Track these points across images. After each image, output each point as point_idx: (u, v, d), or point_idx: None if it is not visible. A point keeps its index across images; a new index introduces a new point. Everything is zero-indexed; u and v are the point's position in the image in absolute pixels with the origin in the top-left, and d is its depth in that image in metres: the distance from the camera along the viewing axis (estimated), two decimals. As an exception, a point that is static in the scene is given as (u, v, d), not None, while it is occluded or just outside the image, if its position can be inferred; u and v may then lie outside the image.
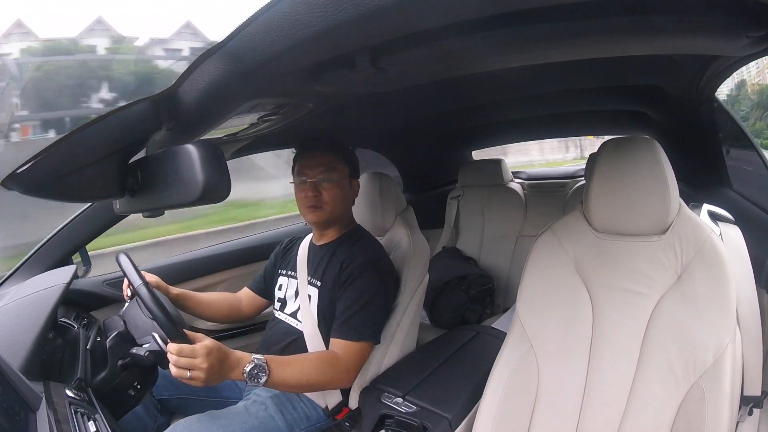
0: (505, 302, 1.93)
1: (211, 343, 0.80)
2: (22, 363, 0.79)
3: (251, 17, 0.50)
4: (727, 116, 1.21)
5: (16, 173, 0.49)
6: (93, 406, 0.77)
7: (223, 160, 0.52)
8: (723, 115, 1.18)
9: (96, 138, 0.53)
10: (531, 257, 0.94)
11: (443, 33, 0.55)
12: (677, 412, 0.75)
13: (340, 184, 1.10)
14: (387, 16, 0.45)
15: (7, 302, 0.96)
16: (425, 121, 1.66)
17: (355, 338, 0.99)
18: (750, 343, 0.77)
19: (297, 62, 0.59)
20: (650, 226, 0.84)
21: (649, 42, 0.67)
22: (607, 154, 0.87)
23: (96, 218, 1.27)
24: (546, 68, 0.82)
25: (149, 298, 0.83)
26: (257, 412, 0.99)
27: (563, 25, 0.56)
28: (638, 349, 0.81)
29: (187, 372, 0.78)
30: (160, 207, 0.60)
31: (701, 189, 1.31)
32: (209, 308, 1.20)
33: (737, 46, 0.62)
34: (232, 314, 1.26)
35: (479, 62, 0.74)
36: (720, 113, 1.15)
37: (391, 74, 0.66)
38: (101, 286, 1.36)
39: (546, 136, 2.99)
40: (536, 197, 2.07)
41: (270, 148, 1.44)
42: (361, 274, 1.04)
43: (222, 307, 1.23)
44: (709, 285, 0.77)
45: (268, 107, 0.84)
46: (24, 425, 0.61)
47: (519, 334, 0.91)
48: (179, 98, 0.59)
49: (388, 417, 0.95)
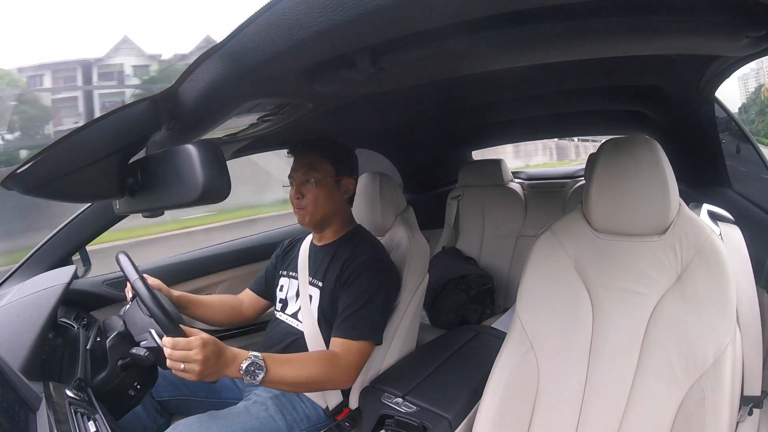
0: (505, 302, 1.92)
1: (206, 336, 0.80)
2: (22, 363, 0.79)
3: (251, 17, 0.50)
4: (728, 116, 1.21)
5: (16, 173, 0.49)
6: (93, 406, 0.77)
7: (223, 160, 0.52)
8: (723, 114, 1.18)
9: (96, 138, 0.53)
10: (531, 257, 0.94)
11: (443, 33, 0.55)
12: (677, 412, 0.75)
13: (323, 183, 1.09)
14: (387, 16, 0.45)
15: (7, 302, 0.96)
16: (425, 121, 1.66)
17: (355, 337, 0.99)
18: (750, 343, 0.77)
19: (297, 62, 0.59)
20: (650, 226, 0.84)
21: (649, 42, 0.67)
22: (607, 154, 0.87)
23: (96, 218, 1.27)
24: (546, 68, 0.82)
25: (146, 293, 0.83)
26: (257, 413, 0.99)
27: (563, 25, 0.56)
28: (638, 349, 0.81)
29: (180, 364, 0.77)
30: (160, 207, 0.60)
31: (701, 189, 1.30)
32: (210, 311, 1.19)
33: (737, 46, 0.62)
34: (233, 317, 1.25)
35: (479, 62, 0.74)
36: (720, 113, 1.15)
37: (391, 74, 0.66)
38: (101, 286, 1.36)
39: (546, 136, 3.00)
40: (536, 197, 2.07)
41: (270, 149, 1.44)
42: (363, 274, 1.04)
43: (224, 310, 1.23)
44: (709, 285, 0.77)
45: (267, 107, 0.83)
46: (24, 425, 0.61)
47: (519, 334, 0.91)
48: (179, 98, 0.59)
49: (388, 417, 0.95)
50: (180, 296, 1.13)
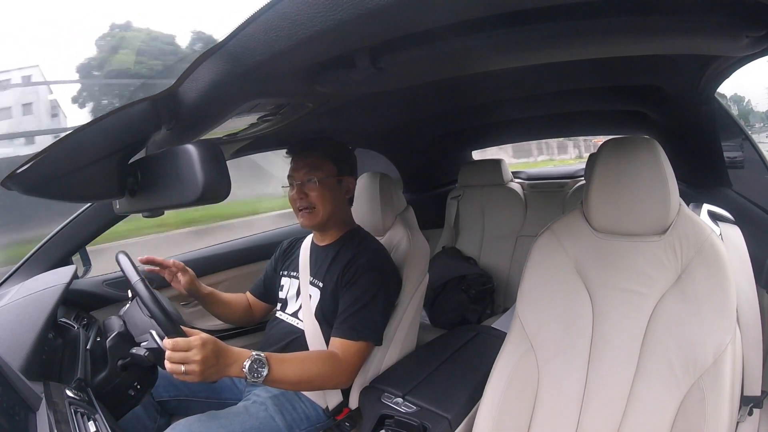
0: (505, 302, 1.93)
1: (206, 336, 0.80)
2: (22, 363, 0.79)
3: (251, 17, 0.50)
4: (728, 116, 1.21)
5: (16, 173, 0.49)
6: (93, 406, 0.77)
7: (223, 160, 0.52)
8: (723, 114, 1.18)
9: (96, 138, 0.53)
10: (531, 257, 0.94)
11: (443, 33, 0.55)
12: (677, 412, 0.75)
13: (327, 183, 1.08)
14: (387, 16, 0.45)
15: (7, 302, 0.96)
16: (425, 121, 1.66)
17: (354, 338, 0.99)
18: (750, 343, 0.77)
19: (297, 62, 0.59)
20: (650, 226, 0.84)
21: (649, 42, 0.67)
22: (607, 154, 0.86)
23: (96, 218, 1.27)
24: (546, 68, 0.82)
25: (146, 294, 0.83)
26: (257, 413, 0.99)
27: (563, 25, 0.56)
28: (638, 349, 0.81)
29: (181, 366, 0.77)
30: (160, 207, 0.60)
31: (701, 189, 1.30)
32: (230, 310, 1.23)
33: (737, 46, 0.62)
34: (247, 316, 1.28)
35: (479, 62, 0.74)
36: (720, 113, 1.15)
37: (391, 74, 0.65)
38: (101, 286, 1.36)
39: (546, 136, 3.00)
40: (536, 197, 2.07)
41: (270, 148, 1.44)
42: (364, 274, 1.04)
43: (240, 310, 1.26)
44: (709, 285, 0.77)
45: (267, 107, 0.83)
46: (24, 425, 0.61)
47: (519, 334, 0.91)
48: (179, 98, 0.59)
49: (388, 417, 0.95)
50: (209, 293, 1.16)
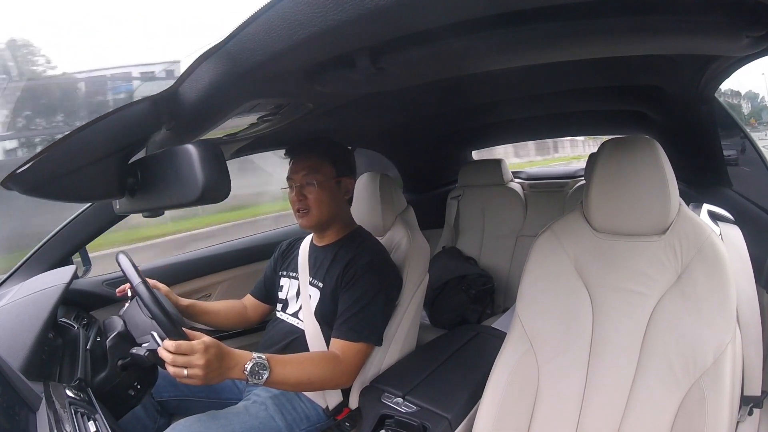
0: (505, 302, 1.93)
1: (209, 339, 0.80)
2: (22, 363, 0.79)
3: (251, 17, 0.50)
4: (728, 116, 1.21)
5: (16, 173, 0.49)
6: (93, 406, 0.77)
7: (222, 160, 0.52)
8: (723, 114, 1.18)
9: (96, 138, 0.53)
10: (531, 257, 0.94)
11: (443, 33, 0.55)
12: (677, 412, 0.75)
13: (326, 185, 1.08)
14: (387, 16, 0.45)
15: (7, 302, 0.96)
16: (425, 121, 1.66)
17: (354, 339, 0.99)
18: (750, 343, 0.77)
19: (297, 62, 0.59)
20: (650, 225, 0.84)
21: (649, 42, 0.67)
22: (607, 154, 0.87)
23: (96, 218, 1.27)
24: (546, 68, 0.82)
25: (148, 296, 0.83)
26: (257, 413, 0.99)
27: (563, 25, 0.56)
28: (638, 349, 0.81)
29: (184, 370, 0.77)
30: (160, 207, 0.60)
31: (701, 189, 1.30)
32: (217, 318, 1.21)
33: (737, 46, 0.62)
34: (240, 321, 1.27)
35: (479, 62, 0.74)
36: (720, 113, 1.15)
37: (391, 74, 0.65)
38: (101, 286, 1.36)
39: (546, 136, 3.00)
40: (536, 197, 2.07)
41: (270, 148, 1.44)
42: (364, 275, 1.04)
43: (231, 316, 1.25)
44: (709, 285, 0.77)
45: (267, 107, 0.83)
46: (24, 425, 0.61)
47: (519, 334, 0.91)
48: (179, 98, 0.59)
49: (388, 417, 0.95)
50: (189, 305, 1.14)
